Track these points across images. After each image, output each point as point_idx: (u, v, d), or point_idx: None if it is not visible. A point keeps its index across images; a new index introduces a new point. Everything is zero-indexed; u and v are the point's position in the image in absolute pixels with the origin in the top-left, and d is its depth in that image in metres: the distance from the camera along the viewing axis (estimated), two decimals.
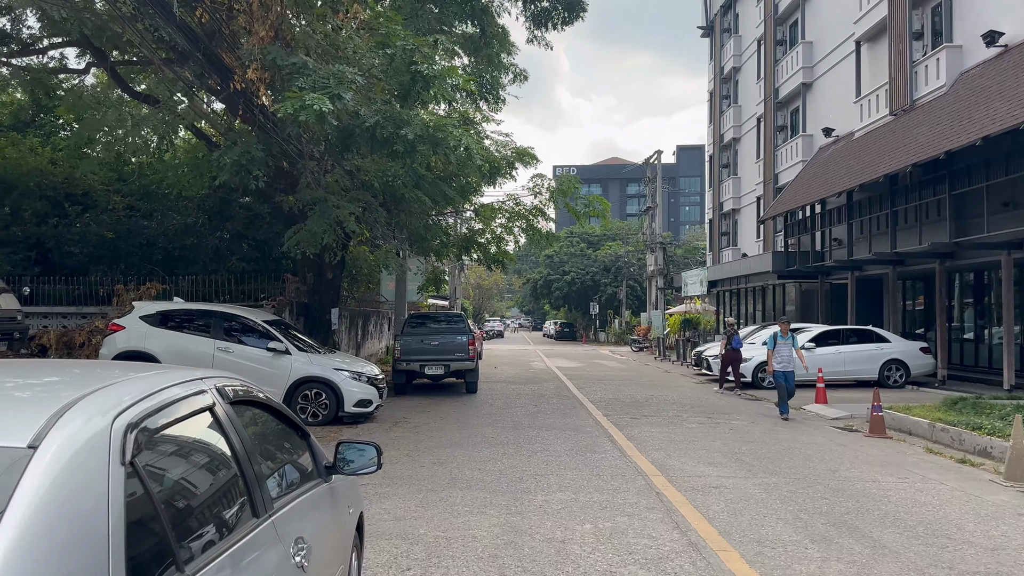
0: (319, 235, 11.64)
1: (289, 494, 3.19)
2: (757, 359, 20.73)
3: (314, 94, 8.60)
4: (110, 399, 2.12)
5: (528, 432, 12.60)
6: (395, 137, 9.59)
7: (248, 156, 10.66)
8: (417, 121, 9.46)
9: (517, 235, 18.69)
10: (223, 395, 2.80)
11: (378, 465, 3.88)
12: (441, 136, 9.54)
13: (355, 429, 12.89)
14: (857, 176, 21.67)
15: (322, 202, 11.53)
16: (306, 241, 12.01)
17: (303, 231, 12.10)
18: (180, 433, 2.45)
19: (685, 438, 12.14)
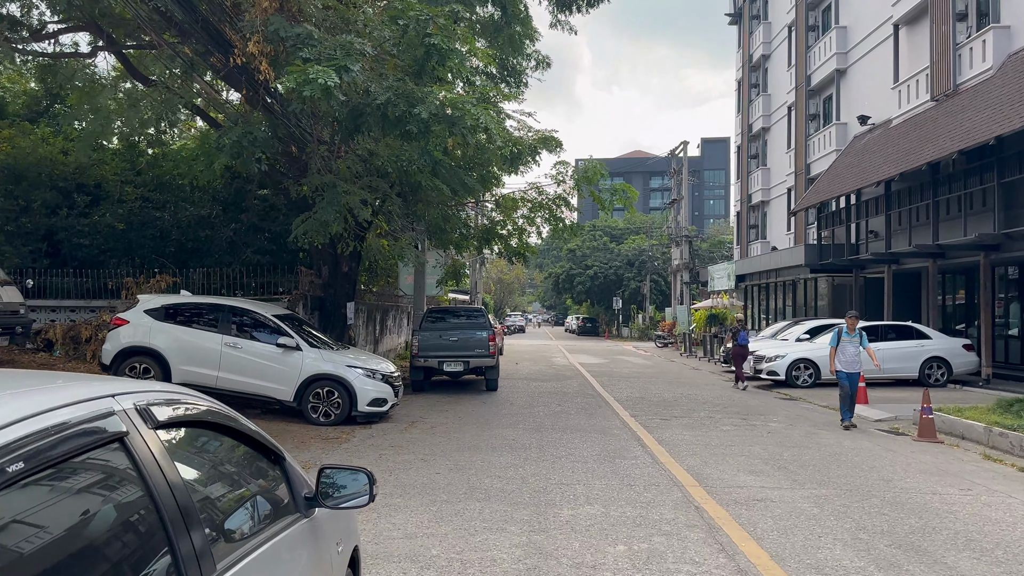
0: (328, 223, 10.92)
1: (252, 540, 2.46)
2: (792, 356, 19.84)
3: (319, 66, 7.86)
4: None
5: (551, 434, 11.84)
6: (408, 116, 8.81)
7: (250, 137, 9.95)
8: (431, 99, 8.68)
9: (540, 226, 17.88)
10: (146, 417, 2.06)
11: (370, 496, 3.14)
12: (457, 115, 8.76)
13: (369, 429, 12.20)
14: (896, 164, 20.64)
15: (330, 188, 10.79)
16: (314, 230, 11.30)
17: (311, 219, 11.39)
18: (65, 475, 1.72)
19: (720, 442, 11.31)
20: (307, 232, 11.52)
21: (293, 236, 12.04)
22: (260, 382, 12.65)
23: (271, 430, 11.90)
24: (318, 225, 11.15)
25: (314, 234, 11.43)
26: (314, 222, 11.25)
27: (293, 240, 12.39)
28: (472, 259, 45.01)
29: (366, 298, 25.27)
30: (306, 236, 11.73)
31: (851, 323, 13.74)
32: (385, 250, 13.28)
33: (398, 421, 13.17)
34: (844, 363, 13.47)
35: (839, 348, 13.57)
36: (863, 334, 13.78)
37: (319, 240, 11.56)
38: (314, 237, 11.53)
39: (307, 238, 11.76)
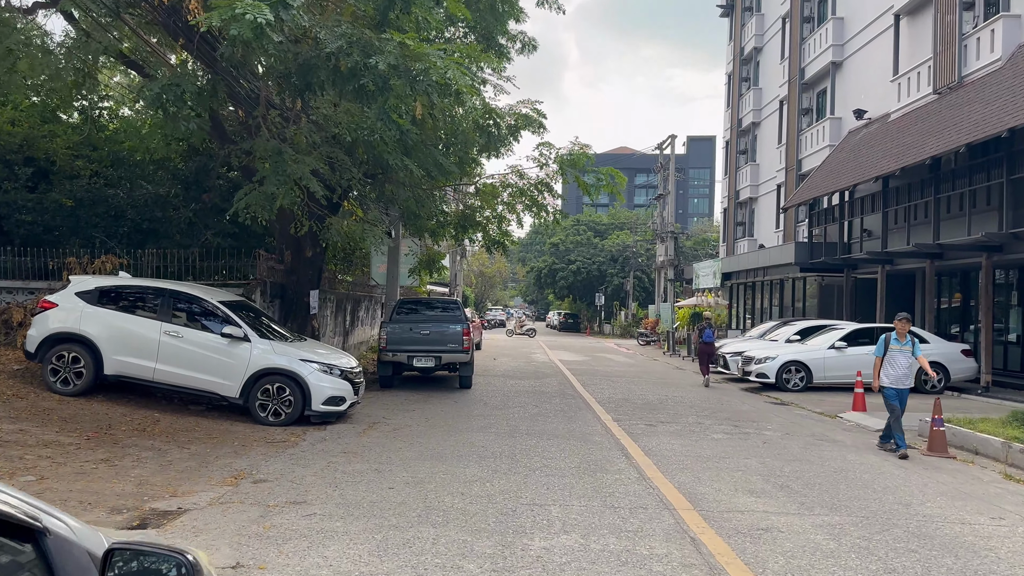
0: (273, 196, 9.63)
1: None
2: (783, 358, 18.78)
3: (250, 1, 6.61)
4: None
5: (526, 441, 10.65)
6: (363, 69, 7.56)
7: (175, 91, 8.61)
8: (390, 48, 7.43)
9: (520, 213, 16.65)
10: None
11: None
12: (421, 69, 7.51)
13: (322, 431, 10.94)
14: (897, 159, 19.62)
15: (276, 155, 9.49)
16: (258, 203, 10.00)
17: (256, 192, 10.09)
18: None
19: (713, 453, 10.17)
20: (250, 206, 10.20)
21: (233, 210, 10.72)
22: (202, 376, 11.37)
23: (211, 430, 10.64)
24: (262, 198, 9.85)
25: (258, 208, 10.11)
26: (258, 195, 9.95)
27: (232, 214, 11.08)
28: (452, 250, 43.72)
29: (339, 287, 23.94)
30: (248, 211, 10.42)
31: (901, 327, 10.87)
32: (344, 232, 11.94)
33: (357, 422, 11.93)
34: (894, 378, 10.78)
35: (887, 359, 10.85)
36: (915, 341, 11.11)
37: (264, 214, 10.26)
38: (258, 211, 10.22)
39: (249, 212, 10.45)
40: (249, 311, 12.45)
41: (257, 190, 9.98)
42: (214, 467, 8.51)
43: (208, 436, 10.26)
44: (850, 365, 18.63)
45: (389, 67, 7.51)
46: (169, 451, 9.22)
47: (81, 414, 10.68)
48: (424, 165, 13.45)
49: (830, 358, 18.73)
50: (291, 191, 9.66)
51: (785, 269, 28.44)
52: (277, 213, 13.09)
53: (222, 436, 10.30)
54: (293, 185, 9.67)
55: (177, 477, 8.02)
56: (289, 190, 9.58)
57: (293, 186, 9.69)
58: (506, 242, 18.08)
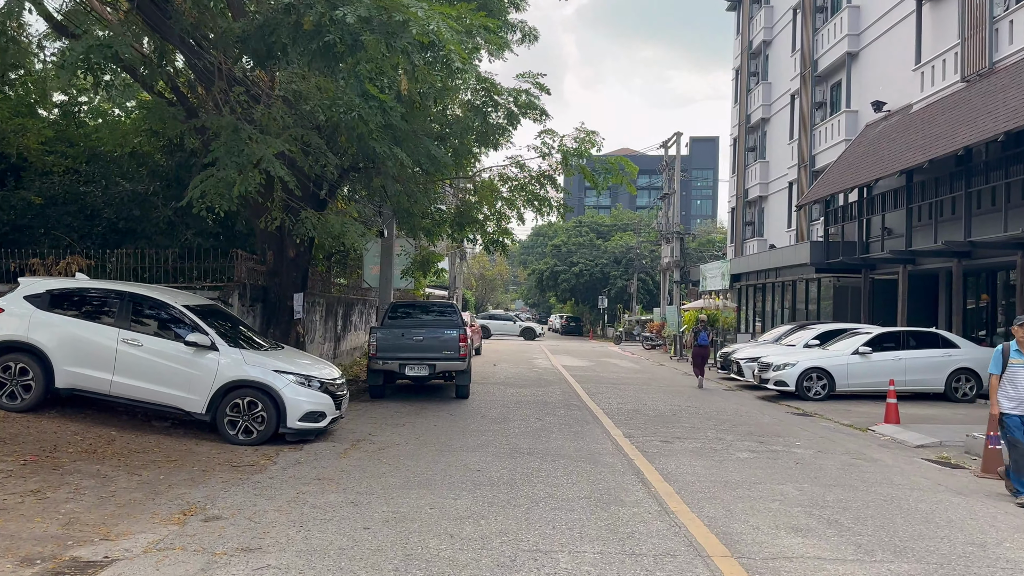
0: (229, 182, 8.39)
1: None
2: (803, 365, 17.50)
3: None
4: None
5: (528, 462, 9.40)
6: (329, 23, 6.37)
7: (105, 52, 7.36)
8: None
9: (521, 209, 15.38)
10: None
11: None
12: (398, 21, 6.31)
13: (298, 452, 9.69)
14: (924, 151, 18.35)
15: (231, 132, 8.24)
16: (215, 191, 8.75)
17: (212, 178, 8.84)
18: None
19: (742, 478, 8.91)
20: (207, 194, 8.95)
21: (187, 199, 9.45)
22: (164, 389, 10.12)
23: (171, 451, 9.39)
24: (218, 184, 8.61)
25: (215, 196, 8.86)
26: (216, 181, 8.72)
27: (184, 203, 9.83)
28: (451, 252, 42.50)
29: (334, 290, 22.70)
30: (205, 200, 9.17)
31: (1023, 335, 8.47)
32: (320, 227, 10.64)
33: (339, 440, 10.68)
34: (1017, 401, 8.30)
35: (1006, 376, 8.42)
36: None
37: (221, 204, 8.99)
38: (215, 200, 8.95)
39: (204, 202, 9.19)
40: (220, 317, 11.21)
41: (215, 175, 8.75)
42: (163, 499, 7.27)
43: (166, 459, 9.01)
44: (876, 372, 17.41)
45: (359, 20, 6.28)
46: (116, 478, 7.97)
47: (25, 433, 9.44)
48: (416, 156, 12.22)
49: (854, 364, 17.46)
50: (251, 177, 8.42)
51: (799, 270, 27.16)
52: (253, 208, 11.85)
53: (182, 458, 9.06)
54: (253, 169, 8.43)
55: (116, 513, 6.79)
56: (249, 176, 8.33)
57: (253, 170, 8.45)
58: (506, 241, 16.83)
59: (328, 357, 20.61)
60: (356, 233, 10.67)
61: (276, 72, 8.82)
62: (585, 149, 13.77)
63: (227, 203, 9.00)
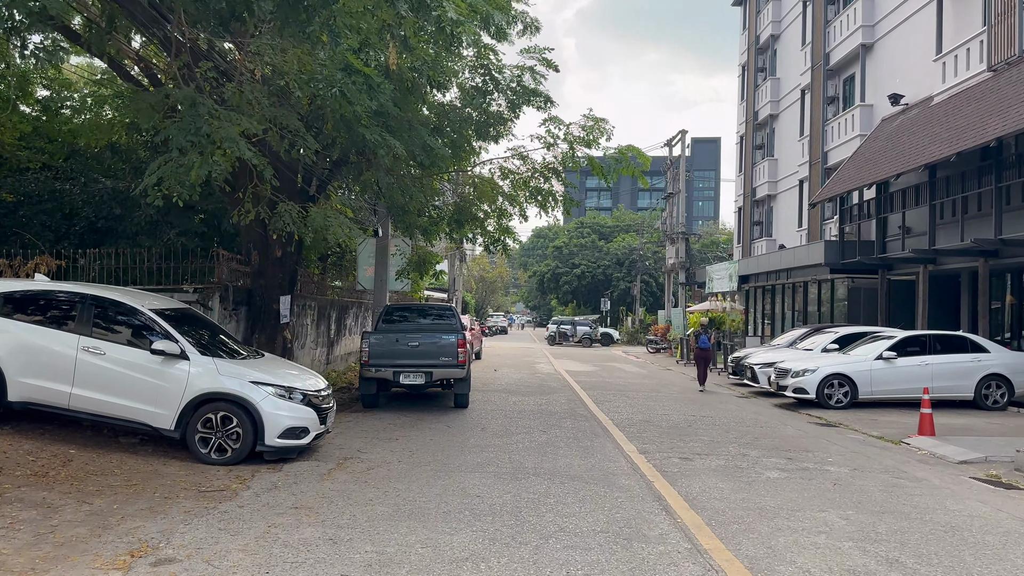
0: (189, 166, 7.35)
1: None
2: (824, 371, 16.45)
3: None
4: None
5: (534, 484, 8.36)
6: None
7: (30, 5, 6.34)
8: None
9: (523, 204, 14.33)
10: None
11: None
12: None
13: (276, 474, 8.65)
14: (950, 144, 17.31)
15: (190, 107, 7.21)
16: (173, 177, 7.71)
17: (171, 162, 7.79)
18: None
19: (776, 504, 7.86)
20: (164, 180, 7.89)
21: (142, 187, 8.39)
22: (128, 402, 9.09)
23: (133, 473, 8.36)
24: (180, 170, 7.56)
25: (173, 184, 7.81)
26: (174, 165, 7.67)
27: (138, 193, 8.77)
28: (450, 253, 41.48)
29: (329, 293, 21.69)
30: (161, 188, 8.11)
31: None
32: (300, 220, 9.56)
33: (324, 458, 9.64)
34: None
35: None
36: None
37: (180, 192, 7.92)
38: (173, 187, 7.90)
39: (162, 189, 8.13)
40: (194, 322, 10.19)
41: (174, 160, 7.71)
42: (111, 535, 6.24)
43: (126, 483, 7.98)
44: (901, 379, 16.38)
45: None
46: (62, 508, 6.94)
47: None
48: (410, 147, 11.21)
49: (878, 370, 16.41)
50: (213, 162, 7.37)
51: (812, 271, 26.11)
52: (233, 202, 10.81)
53: (144, 482, 8.02)
54: (215, 150, 7.40)
55: (50, 555, 5.76)
56: (210, 160, 7.30)
57: (215, 152, 7.42)
58: (508, 240, 15.80)
59: (321, 363, 19.58)
60: (341, 228, 9.62)
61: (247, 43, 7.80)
62: (594, 138, 12.74)
63: (187, 191, 7.96)
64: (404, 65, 7.58)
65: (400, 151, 10.29)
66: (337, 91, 7.22)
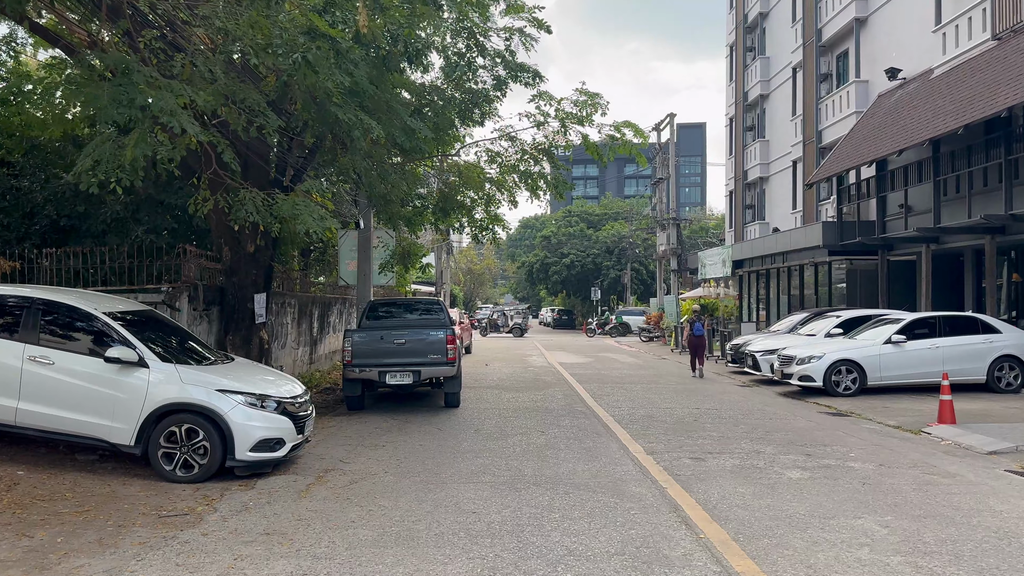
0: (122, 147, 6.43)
1: None
2: (831, 357, 15.69)
3: None
4: None
5: (535, 496, 7.53)
6: None
7: None
8: None
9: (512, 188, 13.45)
10: None
11: None
12: None
13: (247, 492, 7.78)
14: (956, 116, 16.57)
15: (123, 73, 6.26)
16: (109, 160, 6.78)
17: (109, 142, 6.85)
18: None
19: (806, 510, 7.06)
20: (100, 164, 6.96)
21: (75, 172, 7.45)
22: (82, 416, 8.20)
23: (87, 496, 7.48)
24: (120, 152, 6.62)
25: (110, 167, 6.88)
26: (112, 146, 6.72)
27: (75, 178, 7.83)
28: (437, 246, 40.58)
29: (312, 290, 20.74)
30: (96, 172, 7.19)
31: None
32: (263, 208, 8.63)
33: (302, 470, 8.78)
34: None
35: None
36: None
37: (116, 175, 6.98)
38: (110, 171, 6.96)
39: (98, 174, 7.20)
40: (156, 326, 9.30)
41: (113, 140, 6.78)
42: None
43: (77, 508, 7.09)
44: (911, 363, 15.66)
45: None
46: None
47: None
48: (389, 129, 10.32)
49: (887, 355, 15.68)
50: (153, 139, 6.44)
51: (809, 253, 25.39)
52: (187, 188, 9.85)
53: (99, 507, 7.14)
54: (152, 125, 6.49)
55: None
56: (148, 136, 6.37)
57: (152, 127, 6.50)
58: (497, 228, 14.92)
59: (303, 363, 18.69)
60: (312, 217, 8.71)
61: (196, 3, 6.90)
62: (588, 115, 11.86)
63: (128, 176, 7.03)
64: (377, 28, 6.73)
65: (378, 133, 9.41)
66: (299, 58, 6.34)
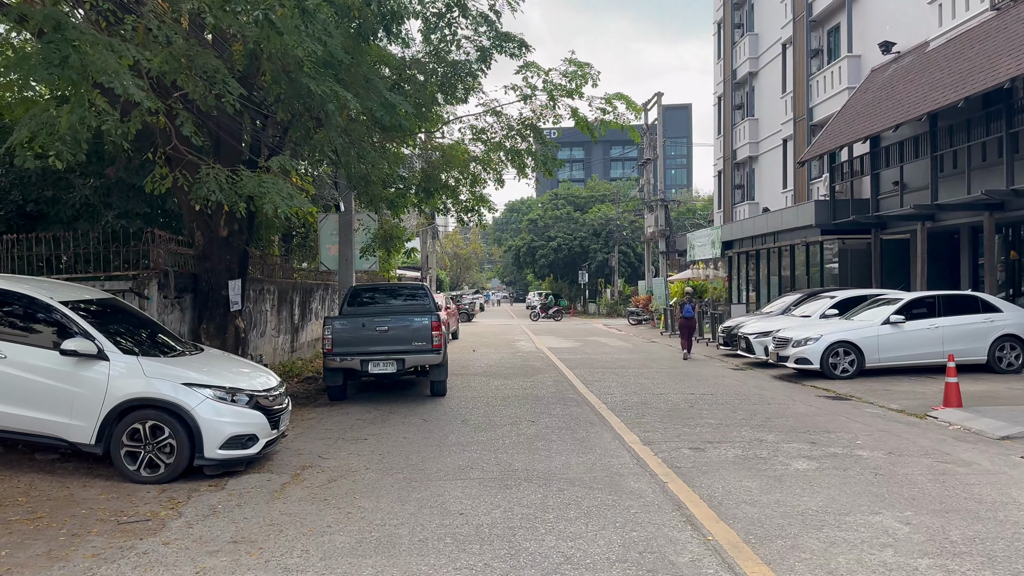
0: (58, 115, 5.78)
1: None
2: (828, 338, 15.26)
3: None
4: None
5: (528, 494, 7.01)
6: None
7: None
8: None
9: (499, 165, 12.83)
10: None
11: None
12: None
13: (217, 493, 7.22)
14: (956, 89, 16.09)
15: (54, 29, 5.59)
16: (45, 131, 6.14)
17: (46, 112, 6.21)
18: None
19: (818, 505, 6.58)
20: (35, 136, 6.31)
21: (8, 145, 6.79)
22: (37, 414, 7.60)
23: (41, 500, 6.90)
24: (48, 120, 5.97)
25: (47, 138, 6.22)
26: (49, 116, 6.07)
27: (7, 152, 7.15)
28: (422, 229, 39.92)
29: (295, 276, 20.07)
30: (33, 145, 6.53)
31: None
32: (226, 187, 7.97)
33: (278, 468, 8.21)
34: None
35: None
36: None
37: (60, 151, 6.32)
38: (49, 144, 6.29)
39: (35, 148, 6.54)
40: (118, 315, 8.69)
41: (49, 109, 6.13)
42: None
43: (29, 514, 6.51)
44: (910, 344, 15.26)
45: None
46: None
47: None
48: (367, 104, 9.70)
49: (885, 336, 15.26)
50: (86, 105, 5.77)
51: (801, 233, 24.95)
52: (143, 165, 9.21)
53: (53, 512, 6.56)
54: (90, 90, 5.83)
55: None
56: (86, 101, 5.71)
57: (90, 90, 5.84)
58: (483, 209, 14.31)
59: (284, 351, 18.08)
60: (280, 195, 8.08)
61: None
62: (577, 86, 11.24)
63: (69, 149, 6.37)
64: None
65: (355, 107, 8.81)
66: (261, 16, 5.70)
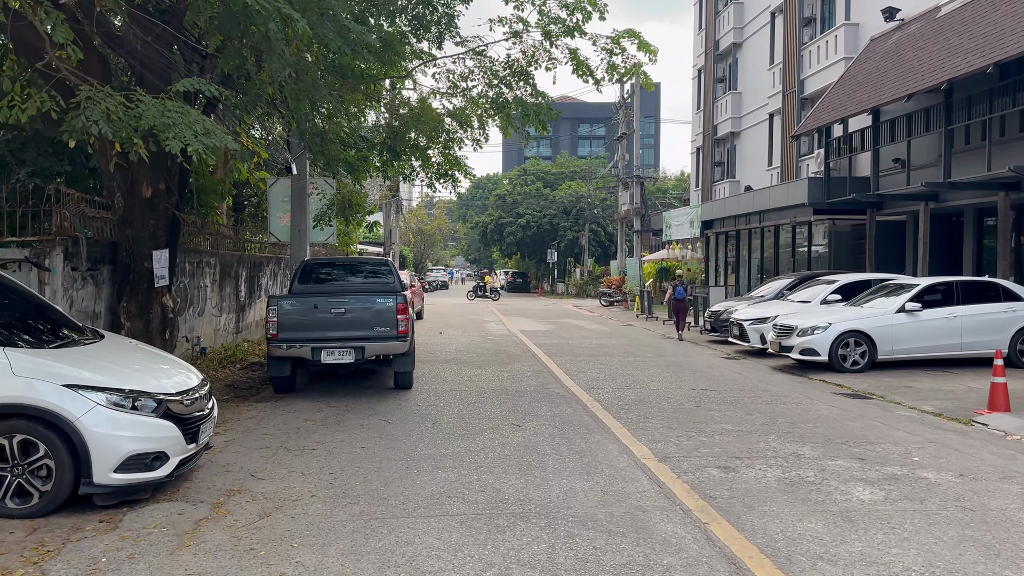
0: None
1: None
2: (838, 327, 13.75)
3: None
4: None
5: (526, 542, 5.23)
6: None
7: None
8: None
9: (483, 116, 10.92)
10: None
11: None
12: None
13: (107, 534, 5.33)
14: (982, 54, 14.55)
15: None
16: None
17: None
18: None
19: (914, 562, 4.92)
20: None
21: None
22: None
23: None
24: None
25: None
26: None
27: None
28: (385, 201, 37.80)
29: (247, 248, 17.95)
30: None
31: None
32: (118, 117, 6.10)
33: (195, 493, 6.32)
34: None
35: None
36: None
37: None
38: None
39: None
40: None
41: None
42: None
43: None
44: (927, 334, 13.83)
45: None
46: None
47: None
48: (321, 32, 7.76)
49: (900, 326, 13.80)
50: None
51: (790, 212, 23.46)
52: None
53: None
54: None
55: None
56: None
57: None
58: (457, 173, 12.41)
59: (228, 333, 16.06)
60: (192, 130, 6.12)
61: None
62: (579, 22, 9.34)
63: None
64: None
65: (303, 28, 6.86)
66: None
